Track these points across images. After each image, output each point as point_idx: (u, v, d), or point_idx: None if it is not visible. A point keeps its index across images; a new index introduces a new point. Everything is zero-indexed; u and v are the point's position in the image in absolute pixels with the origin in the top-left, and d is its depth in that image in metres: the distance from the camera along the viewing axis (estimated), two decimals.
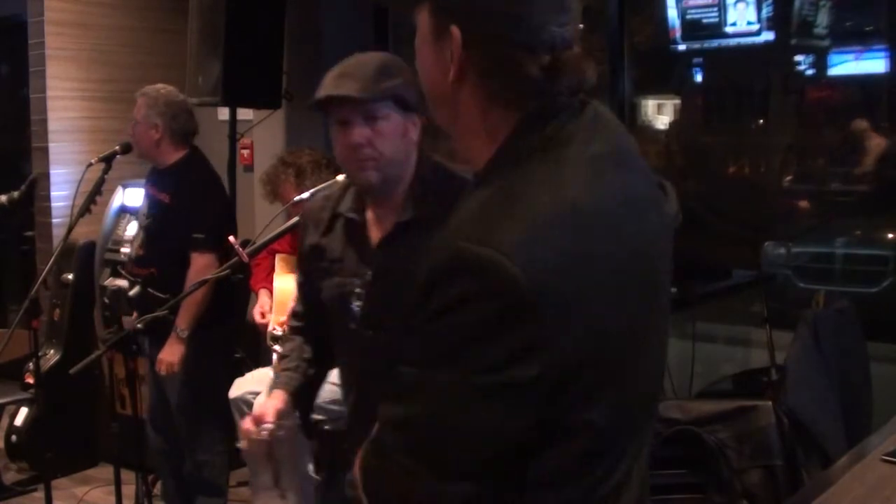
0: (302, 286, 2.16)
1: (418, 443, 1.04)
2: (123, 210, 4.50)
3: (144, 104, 3.53)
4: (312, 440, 2.93)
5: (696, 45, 4.09)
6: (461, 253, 0.99)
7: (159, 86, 3.61)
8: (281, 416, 1.89)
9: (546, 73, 1.07)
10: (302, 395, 2.02)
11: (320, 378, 2.12)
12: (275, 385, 2.03)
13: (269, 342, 3.33)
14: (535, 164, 1.06)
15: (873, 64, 4.30)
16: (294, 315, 2.17)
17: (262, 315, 3.47)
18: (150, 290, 3.25)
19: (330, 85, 1.87)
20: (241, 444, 1.88)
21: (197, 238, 3.38)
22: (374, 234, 1.96)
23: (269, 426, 1.86)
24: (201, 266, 3.34)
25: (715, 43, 3.95)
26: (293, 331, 2.14)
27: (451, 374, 1.00)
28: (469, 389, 0.99)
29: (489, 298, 0.97)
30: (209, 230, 3.38)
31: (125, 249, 4.17)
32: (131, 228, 4.32)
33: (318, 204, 2.07)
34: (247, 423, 1.89)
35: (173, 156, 3.53)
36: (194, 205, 3.45)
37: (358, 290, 1.93)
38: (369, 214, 1.97)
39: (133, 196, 4.44)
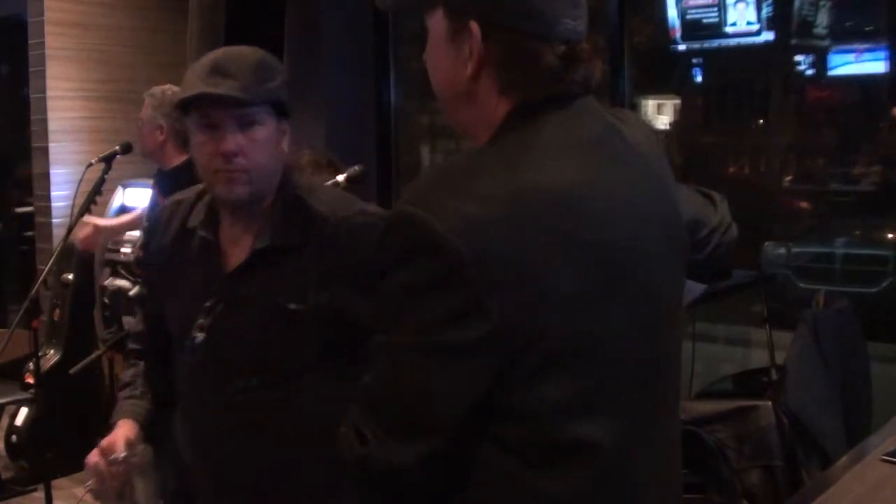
0: (144, 301, 1.87)
1: (372, 405, 1.08)
2: (123, 210, 4.49)
3: (150, 105, 3.52)
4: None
5: (696, 45, 4.09)
6: (399, 212, 1.06)
7: (166, 86, 3.59)
8: (131, 445, 1.63)
9: (563, 62, 1.12)
10: (151, 425, 1.73)
11: (171, 406, 1.80)
12: (118, 415, 1.73)
13: None
14: (497, 146, 1.12)
15: (873, 64, 4.30)
16: (135, 337, 1.87)
17: None
18: None
19: (203, 81, 1.60)
20: (89, 485, 1.61)
21: None
22: (228, 257, 1.69)
23: (121, 456, 1.60)
24: None
25: (715, 43, 3.95)
26: (135, 354, 1.84)
27: (397, 336, 1.06)
28: (413, 349, 1.05)
29: (422, 255, 1.03)
30: None
31: (125, 249, 4.17)
32: None
33: (170, 209, 1.80)
34: (93, 458, 1.61)
35: (177, 158, 3.52)
36: None
37: (202, 320, 1.67)
38: (223, 233, 1.71)
39: (133, 196, 4.43)
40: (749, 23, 3.80)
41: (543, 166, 1.08)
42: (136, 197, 4.38)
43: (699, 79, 5.19)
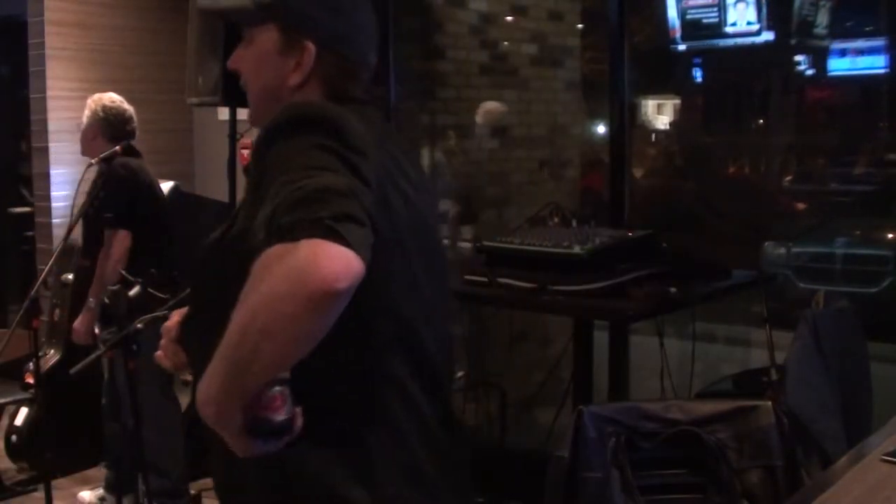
0: None
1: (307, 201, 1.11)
2: None
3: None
4: None
5: (696, 45, 4.09)
6: (289, 104, 1.32)
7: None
8: None
9: (371, 82, 1.47)
10: None
11: None
12: None
13: None
14: None
15: (873, 64, 4.30)
16: None
17: None
18: (149, 290, 3.25)
19: None
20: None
21: (107, 217, 3.56)
22: None
23: None
24: (113, 240, 3.51)
25: (715, 43, 3.95)
26: None
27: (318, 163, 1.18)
28: (324, 170, 1.17)
29: (314, 122, 1.24)
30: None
31: None
32: None
33: None
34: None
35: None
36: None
37: None
38: None
39: None
40: (749, 23, 3.80)
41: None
42: None
43: (699, 79, 5.19)
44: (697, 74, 5.20)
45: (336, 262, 1.04)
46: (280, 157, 1.21)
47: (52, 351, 4.29)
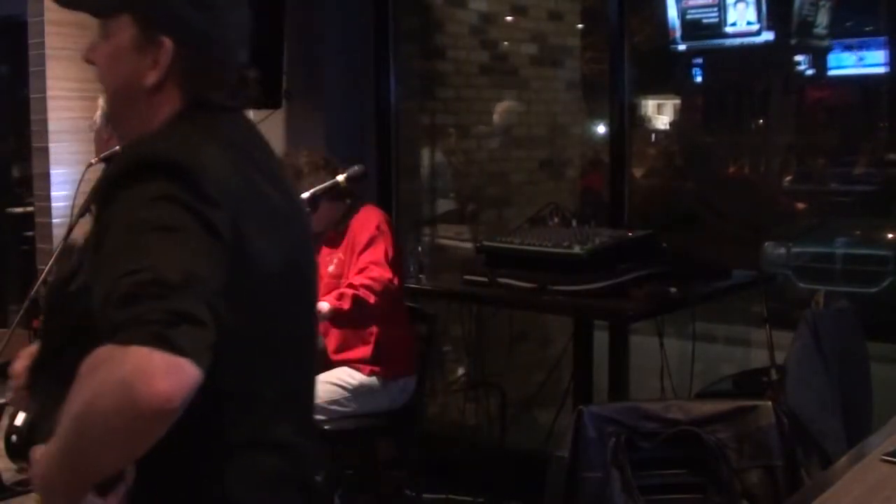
0: None
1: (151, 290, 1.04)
2: None
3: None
4: None
5: (696, 45, 4.10)
6: (132, 153, 1.22)
7: None
8: None
9: (238, 83, 1.35)
10: None
11: None
12: None
13: None
14: (188, 123, 1.29)
15: (872, 63, 4.30)
16: None
17: None
18: None
19: None
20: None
21: None
22: None
23: None
24: None
25: (715, 43, 3.95)
26: None
27: (166, 232, 1.10)
28: (166, 232, 1.09)
29: (166, 170, 1.14)
30: None
31: None
32: None
33: None
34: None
35: None
36: None
37: None
38: None
39: None
40: (749, 23, 3.80)
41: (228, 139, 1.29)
42: None
43: (699, 79, 5.20)
44: (697, 74, 5.20)
45: (168, 379, 0.99)
46: (123, 210, 1.12)
47: None
